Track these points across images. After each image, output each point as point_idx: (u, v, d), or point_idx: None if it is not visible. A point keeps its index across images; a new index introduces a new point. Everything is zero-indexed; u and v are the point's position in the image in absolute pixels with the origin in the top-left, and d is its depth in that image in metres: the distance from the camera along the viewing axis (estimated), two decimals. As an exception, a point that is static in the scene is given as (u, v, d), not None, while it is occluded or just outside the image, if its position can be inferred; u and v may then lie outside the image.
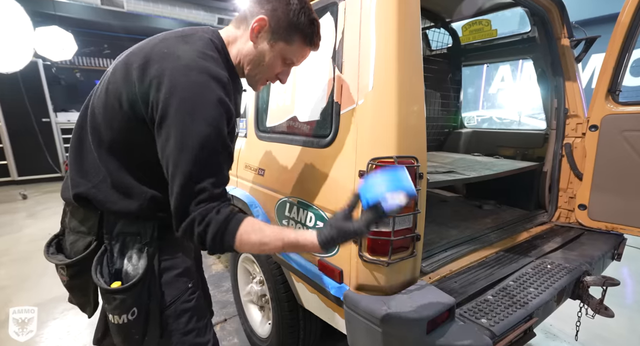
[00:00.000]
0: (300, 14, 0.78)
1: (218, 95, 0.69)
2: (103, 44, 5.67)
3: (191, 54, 0.71)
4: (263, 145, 1.39)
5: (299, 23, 0.78)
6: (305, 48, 0.84)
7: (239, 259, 1.79)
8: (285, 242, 0.70)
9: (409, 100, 0.91)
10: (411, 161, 0.91)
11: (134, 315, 0.77)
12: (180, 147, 0.66)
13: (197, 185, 0.66)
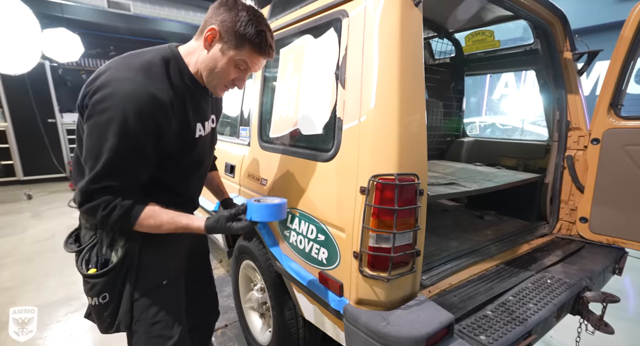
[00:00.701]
0: (248, 25, 0.84)
1: (141, 109, 0.77)
2: (109, 45, 5.73)
3: (128, 70, 0.80)
4: (266, 155, 1.41)
5: (246, 33, 0.85)
6: (255, 55, 0.89)
7: (240, 265, 1.80)
8: (178, 226, 0.87)
9: (410, 118, 0.92)
10: (412, 178, 0.92)
11: (105, 300, 0.90)
12: (94, 146, 0.78)
13: (106, 181, 0.79)
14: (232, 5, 0.85)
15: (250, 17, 0.85)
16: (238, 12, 0.84)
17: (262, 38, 0.87)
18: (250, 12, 0.85)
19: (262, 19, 0.88)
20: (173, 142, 0.88)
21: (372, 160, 0.91)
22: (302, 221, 1.17)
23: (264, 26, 0.87)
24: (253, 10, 0.87)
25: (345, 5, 1.06)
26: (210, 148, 1.11)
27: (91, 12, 4.92)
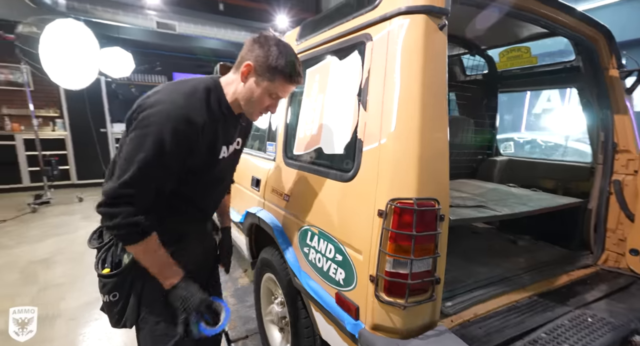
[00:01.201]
0: (278, 58, 0.94)
1: (177, 127, 0.86)
2: (156, 62, 6.23)
3: (174, 94, 0.90)
4: (290, 172, 1.44)
5: (277, 65, 0.94)
6: (287, 84, 0.99)
7: (262, 278, 1.83)
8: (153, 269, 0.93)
9: (431, 143, 0.90)
10: (432, 203, 0.89)
11: (115, 298, 0.98)
12: (130, 155, 0.85)
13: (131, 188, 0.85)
14: (263, 42, 0.95)
15: (280, 50, 0.95)
16: (269, 48, 0.94)
17: (291, 68, 0.96)
18: (280, 46, 0.95)
19: (290, 50, 0.97)
20: (199, 159, 0.97)
21: (391, 183, 0.91)
22: (321, 239, 1.18)
23: (293, 57, 0.97)
24: (282, 43, 0.97)
25: (370, 29, 1.08)
26: (232, 168, 1.21)
27: (142, 32, 5.41)
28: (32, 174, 5.50)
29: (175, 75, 6.86)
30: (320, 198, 1.20)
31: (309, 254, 1.26)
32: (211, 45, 5.90)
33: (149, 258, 0.92)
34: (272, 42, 0.95)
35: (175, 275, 0.95)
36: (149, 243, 0.90)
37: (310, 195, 1.26)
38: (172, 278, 0.94)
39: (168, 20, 5.03)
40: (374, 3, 1.07)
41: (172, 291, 0.93)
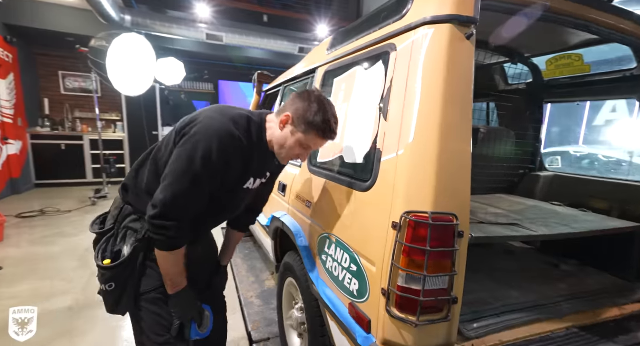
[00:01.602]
0: (317, 115, 1.00)
1: (224, 142, 0.93)
2: (204, 70, 6.70)
3: (222, 116, 0.98)
4: (313, 179, 1.46)
5: (314, 121, 1.00)
6: (319, 139, 1.05)
7: (285, 282, 1.86)
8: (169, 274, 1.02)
9: (452, 156, 0.87)
10: (449, 218, 0.86)
11: (111, 288, 1.03)
12: (181, 168, 0.92)
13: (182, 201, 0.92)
14: (306, 97, 1.03)
15: (319, 107, 1.01)
16: (310, 104, 1.01)
17: (327, 126, 1.01)
18: (320, 103, 1.02)
19: (329, 109, 1.03)
20: (228, 182, 1.03)
21: (407, 195, 0.89)
22: (338, 248, 1.18)
23: (330, 115, 1.02)
24: (324, 101, 1.03)
25: (395, 39, 1.07)
26: (250, 198, 1.22)
27: (193, 43, 5.86)
28: (95, 171, 6.16)
29: (221, 83, 7.31)
30: (339, 207, 1.20)
31: (327, 262, 1.26)
32: (254, 55, 6.21)
33: (171, 265, 1.00)
34: (313, 98, 1.02)
35: (182, 284, 1.03)
36: (179, 254, 0.98)
37: (330, 203, 1.27)
38: (178, 287, 1.02)
39: (216, 32, 5.39)
40: (401, 13, 1.07)
41: (174, 298, 1.03)
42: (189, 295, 1.05)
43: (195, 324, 1.05)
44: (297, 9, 6.68)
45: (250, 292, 2.66)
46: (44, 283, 2.66)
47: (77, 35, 5.21)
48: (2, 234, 3.51)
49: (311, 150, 1.09)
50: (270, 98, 2.78)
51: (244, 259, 3.24)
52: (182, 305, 1.04)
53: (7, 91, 5.08)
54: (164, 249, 0.97)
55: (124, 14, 5.05)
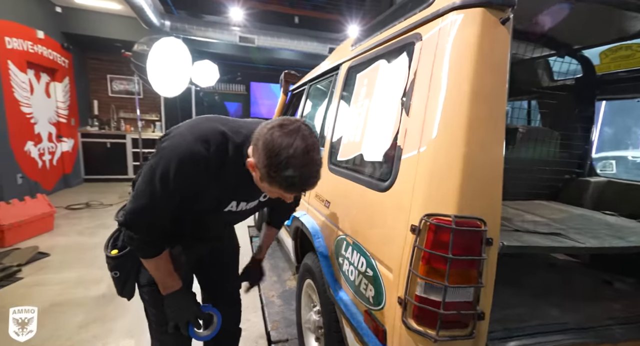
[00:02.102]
0: (277, 169, 0.78)
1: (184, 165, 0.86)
2: (237, 72, 6.90)
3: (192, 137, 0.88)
4: (332, 178, 1.41)
5: (275, 176, 0.80)
6: (286, 192, 0.86)
7: (304, 284, 1.82)
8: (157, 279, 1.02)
9: (480, 154, 0.78)
10: (476, 223, 0.77)
11: (116, 275, 1.09)
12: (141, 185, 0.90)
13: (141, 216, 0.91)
14: (263, 145, 0.79)
15: (281, 158, 0.77)
16: (269, 153, 0.78)
17: (291, 182, 0.80)
18: (282, 152, 0.77)
19: (294, 158, 0.77)
20: (201, 202, 0.96)
21: (428, 196, 0.81)
22: (355, 251, 1.11)
23: (295, 169, 0.78)
24: (288, 147, 0.77)
25: (421, 29, 1.00)
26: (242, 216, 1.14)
27: (227, 46, 6.06)
28: (135, 168, 6.55)
29: (253, 84, 7.49)
30: (356, 207, 1.14)
31: (343, 265, 1.20)
32: (285, 56, 6.29)
33: (154, 270, 1.01)
34: (277, 143, 0.77)
35: (172, 286, 1.01)
36: (158, 261, 0.98)
37: (348, 203, 1.21)
38: (169, 289, 1.02)
39: (249, 35, 5.53)
40: (427, 1, 0.99)
41: (166, 299, 1.02)
42: (182, 297, 1.03)
43: (193, 326, 1.03)
44: (327, 9, 6.67)
45: (271, 291, 2.65)
46: (84, 271, 2.84)
47: (123, 40, 5.58)
48: (52, 224, 3.82)
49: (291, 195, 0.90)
50: (296, 97, 2.77)
51: (267, 257, 3.25)
52: (174, 306, 1.02)
53: (63, 93, 5.56)
54: (141, 256, 0.98)
55: (164, 19, 5.34)
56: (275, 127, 0.80)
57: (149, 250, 0.97)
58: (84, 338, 1.99)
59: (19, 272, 2.77)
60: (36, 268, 2.88)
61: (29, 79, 4.71)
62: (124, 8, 5.16)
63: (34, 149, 4.82)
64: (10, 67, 4.26)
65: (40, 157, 5.00)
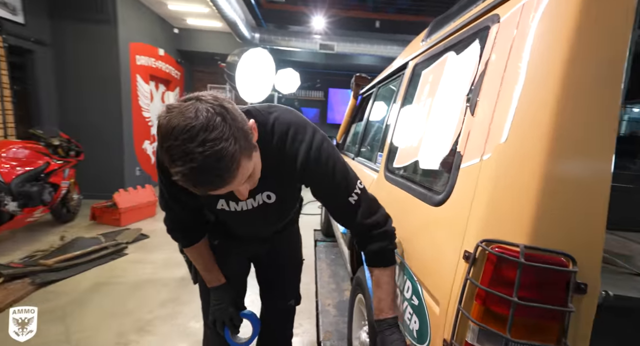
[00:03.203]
0: (168, 162, 0.60)
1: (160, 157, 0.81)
2: (316, 79, 7.12)
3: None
4: (387, 186, 1.27)
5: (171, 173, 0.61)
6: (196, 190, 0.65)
7: (356, 298, 1.71)
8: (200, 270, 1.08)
9: (574, 168, 0.57)
10: (559, 260, 0.56)
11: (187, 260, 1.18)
12: None
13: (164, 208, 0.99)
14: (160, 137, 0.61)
15: (165, 148, 0.59)
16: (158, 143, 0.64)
17: (182, 180, 0.60)
18: (165, 141, 0.58)
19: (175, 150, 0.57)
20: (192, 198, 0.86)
21: (488, 216, 0.62)
22: (402, 272, 0.96)
23: (179, 164, 0.58)
24: (168, 134, 0.58)
25: (499, 9, 0.81)
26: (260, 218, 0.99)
27: (307, 54, 6.32)
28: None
29: (331, 90, 7.63)
30: (407, 222, 0.99)
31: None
32: (363, 61, 6.23)
33: (193, 259, 1.07)
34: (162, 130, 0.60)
35: (212, 281, 1.05)
36: (191, 251, 1.03)
37: (400, 216, 1.06)
38: (209, 283, 1.06)
39: (329, 42, 5.65)
40: (511, -27, 0.80)
41: (211, 293, 1.06)
42: (221, 295, 1.05)
43: (228, 330, 1.03)
44: (412, 11, 6.37)
45: (328, 300, 2.59)
46: (171, 255, 3.25)
47: (220, 53, 6.33)
48: (154, 210, 4.51)
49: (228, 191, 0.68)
50: (365, 101, 2.67)
51: (329, 264, 3.20)
52: (213, 302, 1.05)
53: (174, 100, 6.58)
54: (179, 245, 1.08)
55: (254, 32, 5.86)
56: (162, 117, 0.60)
57: (181, 240, 1.04)
58: (161, 314, 2.25)
59: (126, 249, 3.32)
60: (138, 247, 3.41)
61: (150, 89, 5.70)
62: (223, 25, 5.85)
63: (149, 147, 5.80)
64: (138, 80, 5.22)
65: (153, 153, 5.99)
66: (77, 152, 3.80)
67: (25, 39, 4.04)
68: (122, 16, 4.64)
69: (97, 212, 3.98)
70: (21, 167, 3.06)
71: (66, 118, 4.62)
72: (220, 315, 1.03)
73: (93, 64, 4.60)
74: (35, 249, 3.09)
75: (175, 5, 5.09)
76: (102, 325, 2.11)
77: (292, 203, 1.08)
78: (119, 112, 4.79)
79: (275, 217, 1.06)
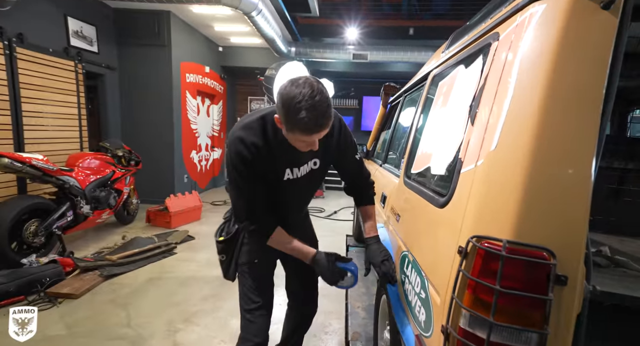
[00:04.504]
0: (292, 114, 0.92)
1: (236, 150, 1.07)
2: (350, 88, 7.26)
3: (236, 129, 1.12)
4: (405, 191, 1.35)
5: (290, 121, 0.94)
6: (307, 136, 0.97)
7: (381, 299, 1.78)
8: (295, 251, 1.21)
9: (555, 169, 0.64)
10: (539, 253, 0.62)
11: (224, 258, 1.35)
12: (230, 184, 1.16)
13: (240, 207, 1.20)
14: (280, 99, 0.95)
15: (293, 104, 0.91)
16: (284, 104, 0.93)
17: (304, 123, 0.92)
18: (292, 99, 0.91)
19: (302, 102, 0.90)
20: (267, 177, 1.14)
21: (479, 215, 0.70)
22: (413, 269, 1.04)
23: (304, 111, 0.90)
24: (296, 93, 0.91)
25: (500, 27, 0.89)
26: (308, 186, 1.30)
27: (341, 64, 6.49)
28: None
29: (365, 98, 7.71)
30: (418, 223, 1.07)
31: (405, 283, 1.14)
32: (396, 69, 6.25)
33: (280, 247, 1.21)
34: (288, 93, 0.92)
35: (306, 256, 1.20)
36: (272, 240, 1.19)
37: (413, 217, 1.15)
38: (305, 258, 1.20)
39: (362, 51, 5.78)
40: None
41: (314, 266, 1.19)
42: (321, 263, 1.17)
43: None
44: (449, 16, 6.29)
45: (357, 302, 2.65)
46: (212, 255, 3.54)
47: (260, 67, 6.75)
48: (200, 215, 4.90)
49: (314, 141, 1.01)
50: (394, 110, 2.74)
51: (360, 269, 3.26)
52: (320, 271, 1.18)
53: (217, 113, 7.12)
54: (263, 239, 1.20)
55: (290, 46, 6.18)
56: (287, 83, 0.95)
57: (272, 225, 1.18)
58: (203, 308, 2.49)
59: (175, 249, 3.68)
60: (185, 247, 3.76)
61: (197, 104, 6.25)
62: (262, 41, 6.25)
63: (196, 156, 6.33)
64: (187, 96, 5.77)
65: (199, 162, 6.51)
66: (136, 162, 4.30)
67: (98, 65, 4.70)
68: (176, 40, 5.19)
69: (152, 215, 4.45)
70: (93, 175, 3.56)
71: (126, 131, 5.25)
72: (331, 276, 1.18)
73: (150, 83, 5.20)
74: (102, 246, 3.56)
75: (220, 26, 5.57)
76: (155, 313, 2.40)
77: (323, 175, 1.33)
78: (170, 125, 5.33)
79: (315, 185, 1.34)
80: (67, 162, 3.56)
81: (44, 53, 3.72)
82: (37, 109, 3.68)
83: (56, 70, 3.90)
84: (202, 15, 5.08)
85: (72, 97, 4.15)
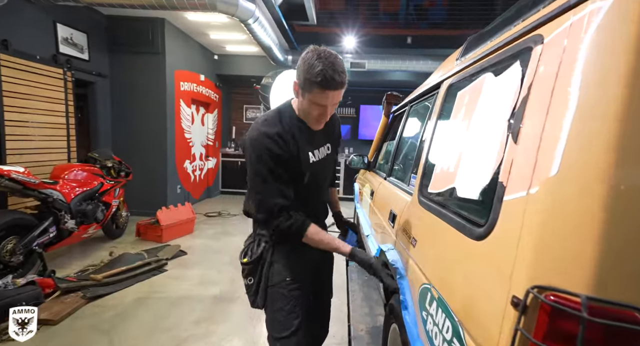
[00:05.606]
0: (309, 70, 1.02)
1: (260, 142, 1.10)
2: (348, 96, 7.18)
3: (256, 124, 1.16)
4: (421, 212, 1.21)
5: (310, 76, 1.02)
6: (324, 92, 1.05)
7: (390, 328, 1.61)
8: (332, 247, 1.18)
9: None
10: (632, 315, 0.48)
11: (251, 282, 1.25)
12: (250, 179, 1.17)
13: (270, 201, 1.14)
14: (303, 57, 1.06)
15: (312, 62, 1.01)
16: (305, 62, 1.03)
17: (322, 75, 1.00)
18: (315, 58, 1.01)
19: (325, 59, 1.01)
20: (296, 164, 1.16)
21: (539, 258, 0.56)
22: (439, 308, 0.89)
23: (321, 65, 1.00)
24: (320, 54, 1.02)
25: (542, 28, 0.76)
26: (326, 170, 1.35)
27: (339, 73, 6.39)
28: (257, 183, 7.53)
29: (362, 107, 7.63)
30: (445, 253, 0.92)
31: (427, 322, 0.98)
32: (395, 77, 6.18)
33: (319, 242, 1.16)
34: (307, 58, 1.03)
35: (344, 249, 1.17)
36: (307, 235, 1.14)
37: (436, 245, 1.00)
38: (342, 253, 1.17)
39: (359, 60, 5.70)
40: (553, -8, 0.75)
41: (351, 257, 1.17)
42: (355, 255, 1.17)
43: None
44: (446, 25, 6.28)
45: (361, 324, 2.48)
46: (206, 271, 3.35)
47: (256, 76, 6.64)
48: (193, 227, 4.70)
49: (326, 107, 1.10)
50: (397, 120, 2.62)
51: (362, 286, 3.09)
52: (358, 260, 1.17)
53: (212, 122, 6.97)
54: (295, 240, 1.15)
55: (287, 54, 6.09)
56: (309, 51, 1.05)
57: (305, 222, 1.14)
58: (196, 333, 2.29)
59: (166, 265, 3.47)
60: (177, 264, 3.56)
61: (191, 112, 6.10)
62: (258, 50, 6.16)
63: (189, 166, 6.14)
64: (181, 104, 5.61)
65: (193, 172, 6.32)
66: (127, 173, 4.11)
67: (89, 72, 4.54)
68: (170, 47, 5.07)
69: (142, 228, 4.24)
70: (79, 188, 3.36)
71: (117, 140, 5.06)
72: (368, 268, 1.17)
73: (142, 91, 5.04)
74: (88, 264, 3.34)
75: (216, 34, 5.47)
76: (142, 339, 2.19)
77: (334, 164, 1.47)
78: (163, 134, 5.16)
79: (329, 173, 1.40)
80: (51, 174, 3.36)
81: (30, 60, 3.56)
82: (22, 118, 3.49)
83: (43, 77, 3.74)
84: (198, 22, 4.97)
85: (60, 106, 3.97)
